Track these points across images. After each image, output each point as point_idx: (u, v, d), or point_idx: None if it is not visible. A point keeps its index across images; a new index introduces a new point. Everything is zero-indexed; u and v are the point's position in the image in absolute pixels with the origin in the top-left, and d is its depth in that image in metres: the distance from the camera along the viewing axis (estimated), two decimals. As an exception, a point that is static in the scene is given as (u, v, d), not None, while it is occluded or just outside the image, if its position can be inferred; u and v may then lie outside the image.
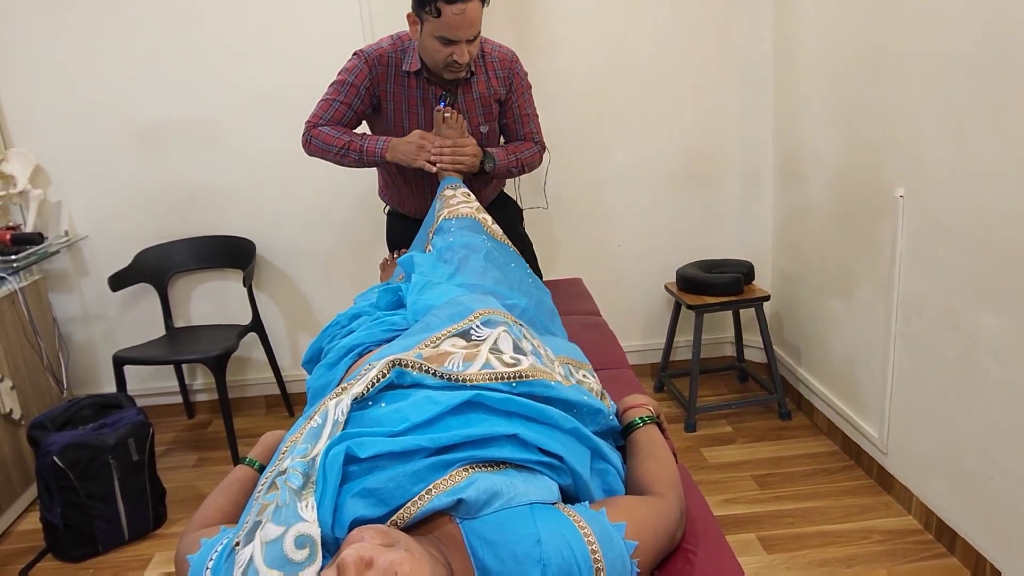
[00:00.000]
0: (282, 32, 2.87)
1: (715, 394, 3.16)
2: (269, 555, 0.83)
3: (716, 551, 1.09)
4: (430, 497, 0.91)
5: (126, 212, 3.02)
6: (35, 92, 2.87)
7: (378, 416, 1.01)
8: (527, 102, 2.27)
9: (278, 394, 3.21)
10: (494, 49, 2.18)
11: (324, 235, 3.12)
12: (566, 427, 1.07)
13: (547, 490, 1.00)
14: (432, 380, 1.07)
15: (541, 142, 2.33)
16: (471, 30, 1.95)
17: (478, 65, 2.15)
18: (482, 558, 0.89)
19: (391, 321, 1.45)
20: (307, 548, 0.83)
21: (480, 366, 1.11)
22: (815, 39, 2.56)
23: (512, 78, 2.20)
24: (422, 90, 2.14)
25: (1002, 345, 1.76)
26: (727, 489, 2.43)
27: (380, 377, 1.05)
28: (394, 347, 1.24)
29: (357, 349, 1.38)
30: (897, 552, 2.07)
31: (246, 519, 0.95)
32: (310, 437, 0.98)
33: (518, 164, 2.25)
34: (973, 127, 1.79)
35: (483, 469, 0.97)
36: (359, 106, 2.17)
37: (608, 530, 0.95)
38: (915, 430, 2.16)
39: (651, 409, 1.28)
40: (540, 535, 0.90)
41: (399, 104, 2.16)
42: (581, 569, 0.89)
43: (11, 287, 2.67)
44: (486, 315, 1.28)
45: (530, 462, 1.01)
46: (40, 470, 2.27)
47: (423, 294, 1.48)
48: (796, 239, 2.88)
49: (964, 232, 1.86)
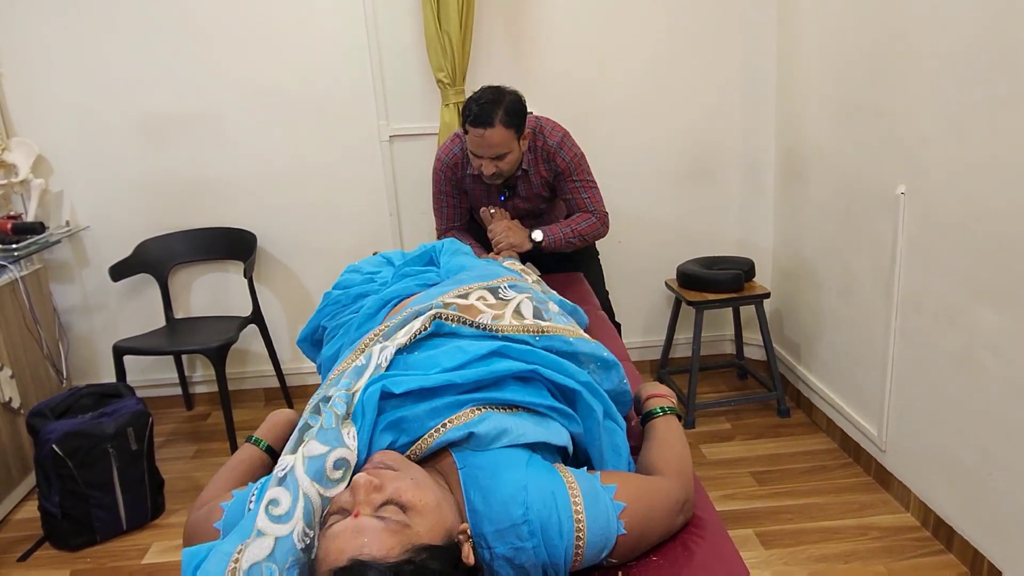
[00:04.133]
0: (284, 26, 2.87)
1: (714, 391, 3.16)
2: (311, 468, 0.92)
3: (717, 542, 1.09)
4: (444, 430, 1.01)
5: (127, 203, 3.02)
6: (38, 82, 2.87)
7: (413, 361, 1.12)
8: (576, 179, 2.42)
9: (277, 387, 3.22)
10: (542, 140, 2.37)
11: (325, 228, 3.12)
12: (580, 379, 1.14)
13: (556, 434, 1.08)
14: (467, 330, 1.18)
15: (599, 211, 2.47)
16: (492, 151, 2.20)
17: (528, 158, 2.37)
18: (473, 500, 0.97)
19: (426, 277, 1.56)
20: (342, 471, 0.94)
21: (507, 321, 1.22)
22: (818, 37, 2.56)
23: (556, 165, 2.39)
24: (486, 186, 2.43)
25: (1001, 342, 1.76)
26: (725, 485, 2.43)
27: (423, 329, 1.16)
28: (429, 295, 1.35)
29: (393, 301, 1.47)
30: (895, 548, 2.07)
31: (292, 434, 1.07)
32: (354, 374, 1.08)
33: (575, 235, 2.45)
34: (974, 125, 1.79)
35: (496, 409, 1.05)
36: (460, 203, 2.52)
37: (596, 488, 1.00)
38: (914, 427, 2.17)
39: (672, 401, 1.31)
40: (528, 482, 0.97)
41: (474, 195, 2.50)
42: (561, 519, 0.95)
43: (12, 276, 2.67)
44: (513, 280, 1.40)
45: (542, 407, 1.08)
46: (39, 458, 2.27)
47: (456, 256, 1.63)
48: (797, 236, 2.88)
49: (964, 229, 1.86)
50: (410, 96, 2.96)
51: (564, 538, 0.94)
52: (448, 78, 2.81)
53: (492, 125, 2.14)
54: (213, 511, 1.03)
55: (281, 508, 0.88)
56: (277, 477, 0.92)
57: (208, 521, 1.03)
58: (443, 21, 2.74)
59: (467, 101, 2.20)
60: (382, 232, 3.13)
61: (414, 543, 0.83)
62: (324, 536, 0.85)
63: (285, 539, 0.86)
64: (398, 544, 0.82)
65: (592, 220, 2.45)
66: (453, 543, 0.88)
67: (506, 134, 2.17)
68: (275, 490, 0.91)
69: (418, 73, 2.93)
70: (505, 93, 2.18)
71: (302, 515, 0.88)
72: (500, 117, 2.14)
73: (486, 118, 2.14)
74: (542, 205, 2.51)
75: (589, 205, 2.44)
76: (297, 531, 0.87)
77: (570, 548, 0.94)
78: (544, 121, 2.39)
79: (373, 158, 3.03)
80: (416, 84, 2.94)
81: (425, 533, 0.85)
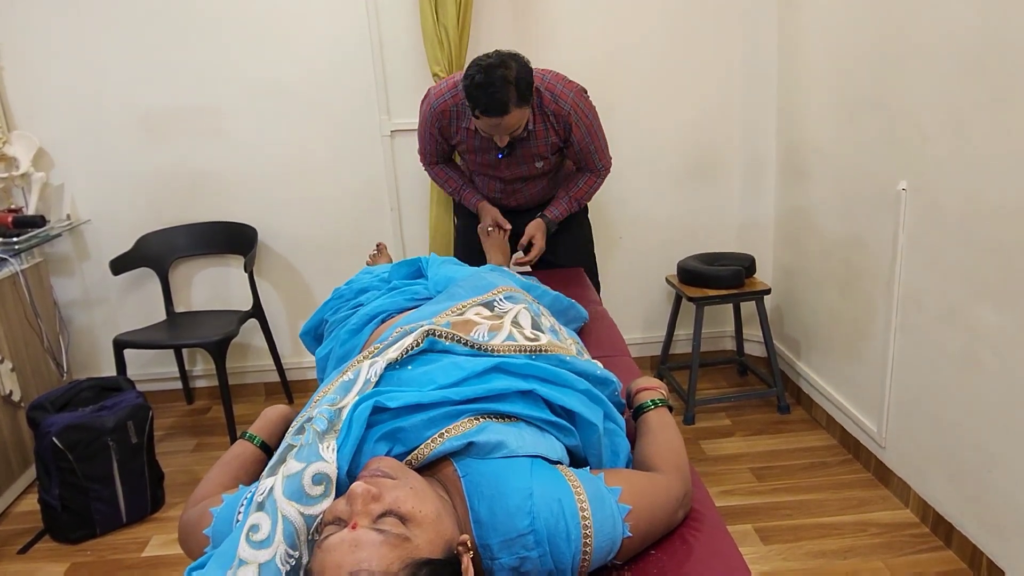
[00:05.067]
0: (285, 20, 2.87)
1: (714, 387, 3.16)
2: (288, 487, 0.89)
3: (715, 536, 1.09)
4: (442, 440, 0.98)
5: (128, 197, 3.02)
6: (39, 76, 2.86)
7: (407, 378, 1.08)
8: (588, 139, 2.30)
9: (277, 381, 3.22)
10: (553, 99, 2.20)
11: (326, 223, 3.11)
12: (579, 388, 1.13)
13: (552, 449, 1.05)
14: (461, 348, 1.14)
15: (604, 167, 2.42)
16: (508, 130, 2.09)
17: (535, 116, 2.20)
18: (477, 510, 0.94)
19: (413, 290, 1.53)
20: (323, 485, 0.90)
21: (504, 338, 1.19)
22: (819, 33, 2.56)
23: (570, 130, 2.25)
24: (480, 139, 2.28)
25: (1002, 340, 1.76)
26: (725, 481, 2.44)
27: (415, 345, 1.12)
28: (422, 313, 1.33)
29: (381, 315, 1.45)
30: (894, 545, 2.07)
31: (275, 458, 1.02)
32: (341, 390, 1.06)
33: (576, 205, 2.44)
34: (975, 121, 1.78)
35: (494, 420, 1.03)
36: (442, 145, 2.40)
37: (602, 492, 0.98)
38: (914, 424, 2.17)
39: (663, 393, 1.30)
40: (533, 489, 0.94)
41: (468, 146, 2.34)
42: (569, 526, 0.93)
43: (12, 269, 2.67)
44: (508, 291, 1.38)
45: (539, 420, 1.07)
46: (39, 451, 2.27)
47: (444, 267, 1.59)
48: (797, 232, 2.88)
49: (965, 227, 1.86)
50: (411, 91, 2.95)
51: (572, 545, 0.92)
52: (445, 72, 2.80)
53: (507, 112, 2.00)
54: (203, 516, 1.02)
55: (261, 533, 0.86)
56: (257, 502, 0.90)
57: (199, 526, 1.01)
58: (441, 14, 2.73)
59: (469, 83, 1.99)
60: (382, 227, 3.13)
61: (414, 557, 0.81)
62: (320, 548, 0.82)
63: (268, 564, 0.84)
64: (398, 559, 0.80)
65: (595, 181, 2.41)
66: (453, 556, 0.86)
67: (521, 112, 2.05)
68: (255, 516, 0.88)
69: (419, 68, 2.92)
70: (510, 67, 1.98)
71: (283, 538, 0.86)
72: (514, 100, 1.99)
73: (500, 107, 1.98)
74: (538, 164, 2.35)
75: (597, 164, 2.38)
76: (280, 554, 0.85)
77: (577, 554, 0.93)
78: (552, 79, 2.22)
79: (374, 153, 3.03)
80: (417, 79, 2.94)
81: (425, 546, 0.83)
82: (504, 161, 2.33)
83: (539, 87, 2.18)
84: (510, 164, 2.35)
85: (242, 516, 0.94)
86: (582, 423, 1.11)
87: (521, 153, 2.31)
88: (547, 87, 2.20)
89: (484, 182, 2.50)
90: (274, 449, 1.24)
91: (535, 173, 2.40)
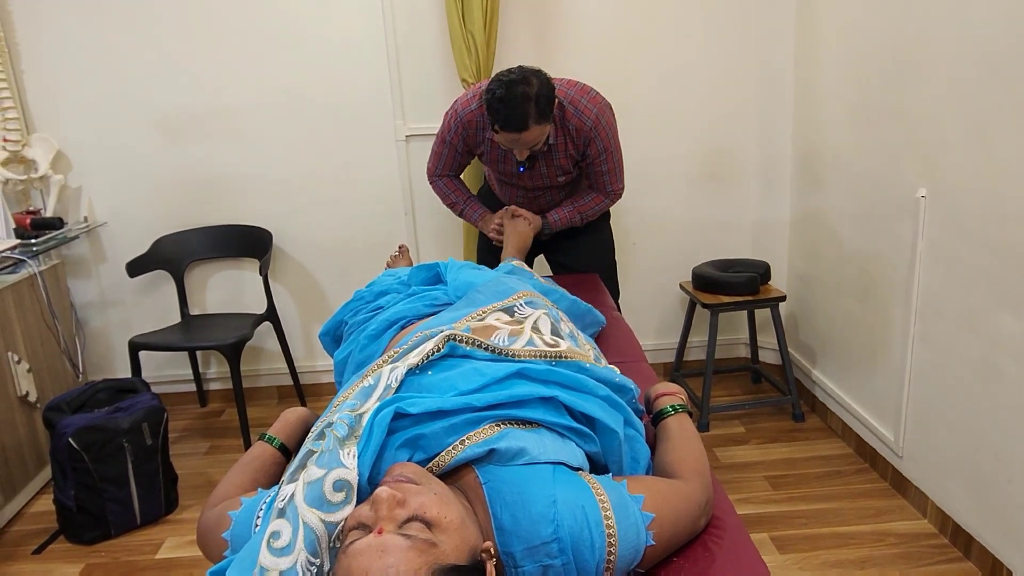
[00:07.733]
0: (304, 24, 2.88)
1: (728, 394, 3.14)
2: (309, 494, 0.89)
3: (737, 542, 1.08)
4: (464, 447, 0.97)
5: (145, 199, 3.04)
6: (59, 79, 2.89)
7: (427, 383, 1.07)
8: (603, 159, 2.30)
9: (291, 385, 3.22)
10: (576, 113, 2.19)
11: (340, 227, 3.12)
12: (600, 394, 1.13)
13: (573, 455, 1.04)
14: (481, 353, 1.14)
15: (614, 192, 2.43)
16: (528, 146, 2.11)
17: (557, 130, 2.21)
18: (500, 517, 0.93)
19: (432, 296, 1.53)
20: (344, 491, 0.89)
21: (524, 343, 1.19)
22: (835, 40, 2.55)
23: (587, 145, 2.25)
24: (503, 150, 2.30)
25: (1022, 348, 1.74)
26: (740, 489, 2.42)
27: (436, 350, 1.11)
28: (442, 319, 1.33)
29: (400, 322, 1.45)
30: (912, 555, 2.05)
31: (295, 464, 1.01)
32: (361, 395, 1.05)
33: (581, 220, 2.45)
34: (996, 128, 1.77)
35: (515, 426, 1.02)
36: (461, 158, 2.42)
37: (625, 500, 0.97)
38: (932, 433, 2.14)
39: (682, 398, 1.29)
40: (556, 497, 0.93)
41: (490, 157, 2.38)
42: (593, 534, 0.91)
43: (30, 271, 2.69)
44: (528, 296, 1.38)
45: (560, 427, 1.06)
46: (55, 452, 2.28)
47: (463, 272, 1.58)
48: (813, 239, 2.86)
49: (986, 233, 1.84)
50: (427, 95, 2.96)
51: (596, 553, 0.91)
52: (473, 78, 2.80)
53: (527, 128, 2.01)
54: (222, 519, 1.02)
55: (282, 540, 0.86)
56: (278, 508, 0.90)
57: (218, 529, 1.01)
58: (467, 20, 2.74)
59: (491, 98, 2.01)
60: (397, 231, 3.13)
61: (440, 563, 0.80)
62: (345, 553, 0.81)
63: (289, 572, 0.84)
64: (425, 564, 0.79)
65: (603, 201, 2.42)
66: (478, 561, 0.85)
67: (541, 128, 2.06)
68: (276, 523, 0.88)
69: (435, 72, 2.93)
70: (531, 83, 1.99)
71: (304, 545, 0.85)
72: (533, 117, 2.00)
73: (520, 122, 2.00)
74: (560, 178, 2.36)
75: (608, 187, 2.38)
76: (301, 562, 0.85)
77: (601, 563, 0.91)
78: (576, 93, 2.19)
79: (389, 157, 3.04)
80: (432, 83, 2.95)
81: (451, 552, 0.82)
82: (526, 173, 2.35)
83: (562, 100, 2.17)
84: (532, 176, 2.36)
85: (261, 522, 0.94)
86: (602, 429, 1.10)
87: (542, 166, 2.33)
88: (571, 101, 2.18)
89: (506, 191, 2.51)
90: (292, 451, 1.24)
91: (556, 184, 2.41)
